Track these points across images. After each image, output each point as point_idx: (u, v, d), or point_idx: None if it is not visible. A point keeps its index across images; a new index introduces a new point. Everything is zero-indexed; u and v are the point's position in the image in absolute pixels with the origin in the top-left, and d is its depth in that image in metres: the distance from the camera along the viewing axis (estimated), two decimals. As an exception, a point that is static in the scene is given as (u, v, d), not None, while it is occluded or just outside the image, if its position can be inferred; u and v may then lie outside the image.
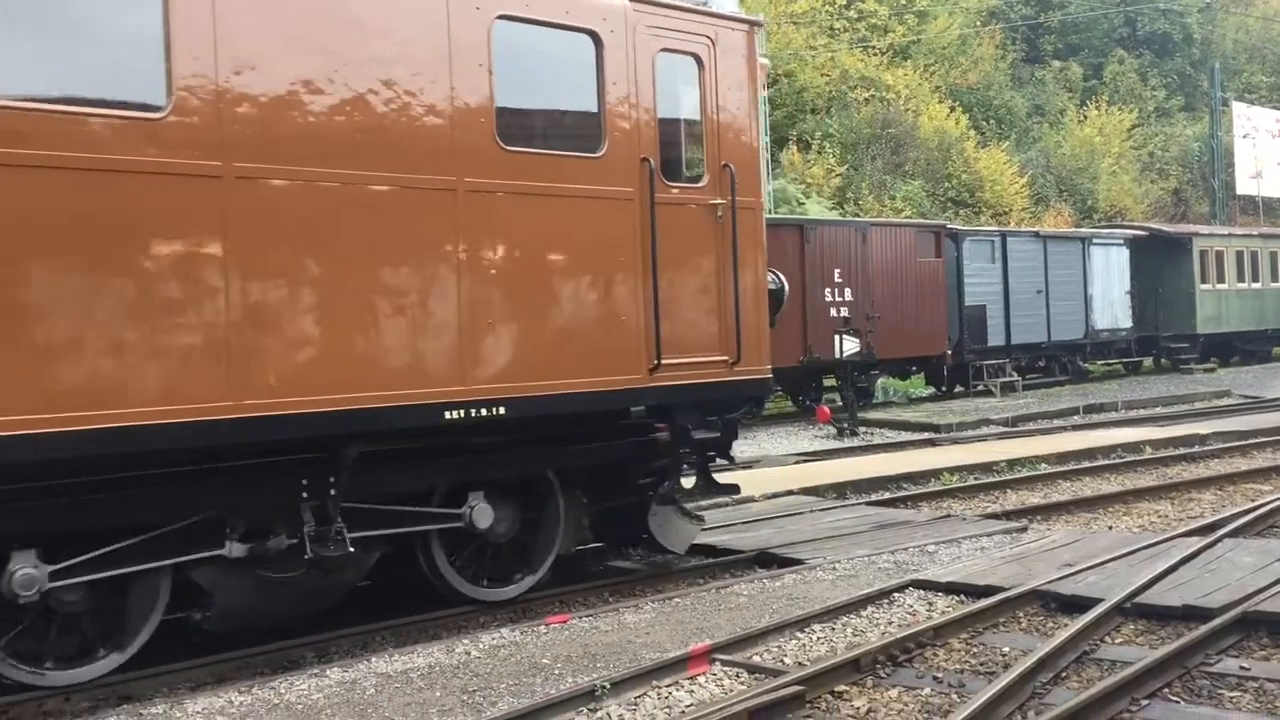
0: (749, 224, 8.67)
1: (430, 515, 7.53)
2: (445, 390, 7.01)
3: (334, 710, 5.82)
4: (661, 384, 8.06)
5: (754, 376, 8.70)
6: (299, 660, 7.20)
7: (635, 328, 7.92)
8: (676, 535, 8.88)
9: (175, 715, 5.83)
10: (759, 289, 8.76)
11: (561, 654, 6.70)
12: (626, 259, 7.90)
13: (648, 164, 8.02)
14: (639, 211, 7.97)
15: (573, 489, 8.33)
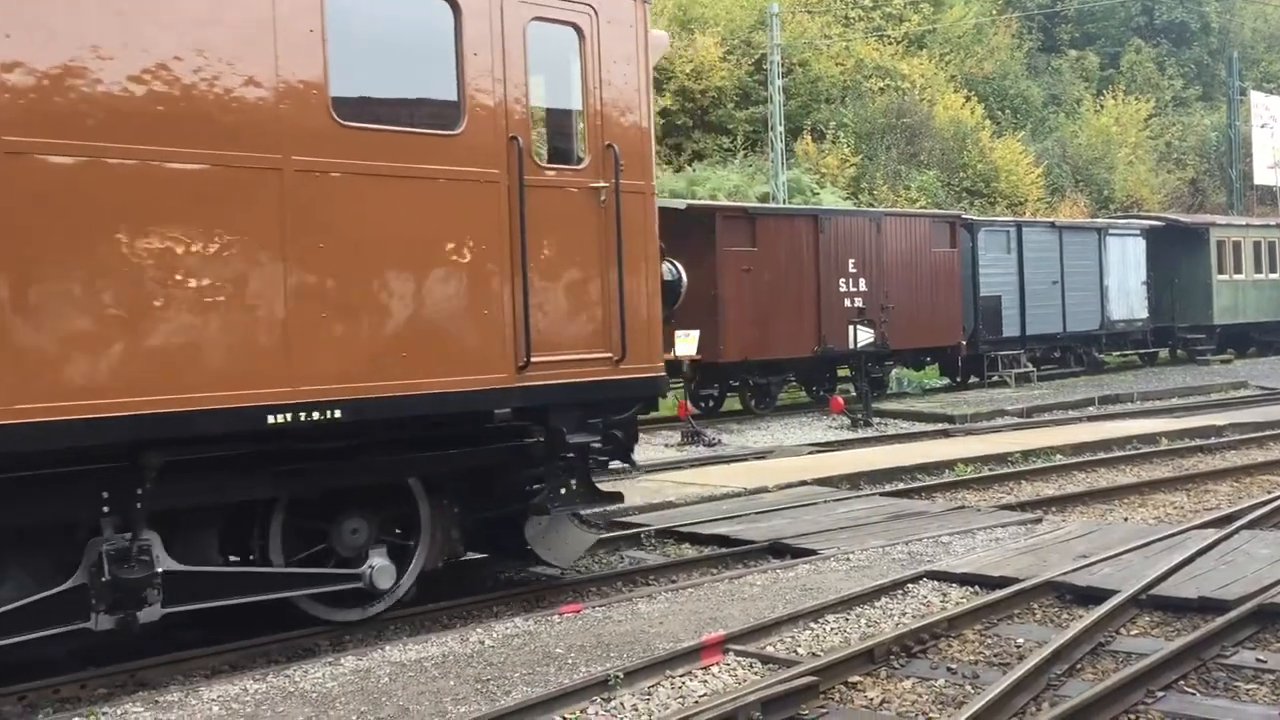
0: (637, 210, 7.95)
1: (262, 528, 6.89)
2: (268, 392, 6.28)
3: (348, 698, 5.84)
4: (532, 383, 7.36)
5: (642, 375, 7.97)
6: (313, 649, 7.22)
7: (500, 322, 7.21)
8: (562, 547, 8.10)
9: (190, 702, 5.86)
10: (650, 280, 8.05)
11: (575, 643, 6.70)
12: (490, 247, 7.18)
13: (516, 143, 7.29)
14: (506, 195, 7.26)
15: (440, 498, 7.63)
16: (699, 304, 19.35)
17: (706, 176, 31.68)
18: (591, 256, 7.74)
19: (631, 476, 11.88)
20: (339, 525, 7.16)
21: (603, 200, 7.76)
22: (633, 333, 7.86)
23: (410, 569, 7.50)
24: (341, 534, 7.17)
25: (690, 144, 34.72)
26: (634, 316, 7.89)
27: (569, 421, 7.72)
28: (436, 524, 7.59)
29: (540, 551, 7.98)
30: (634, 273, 7.92)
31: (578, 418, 7.77)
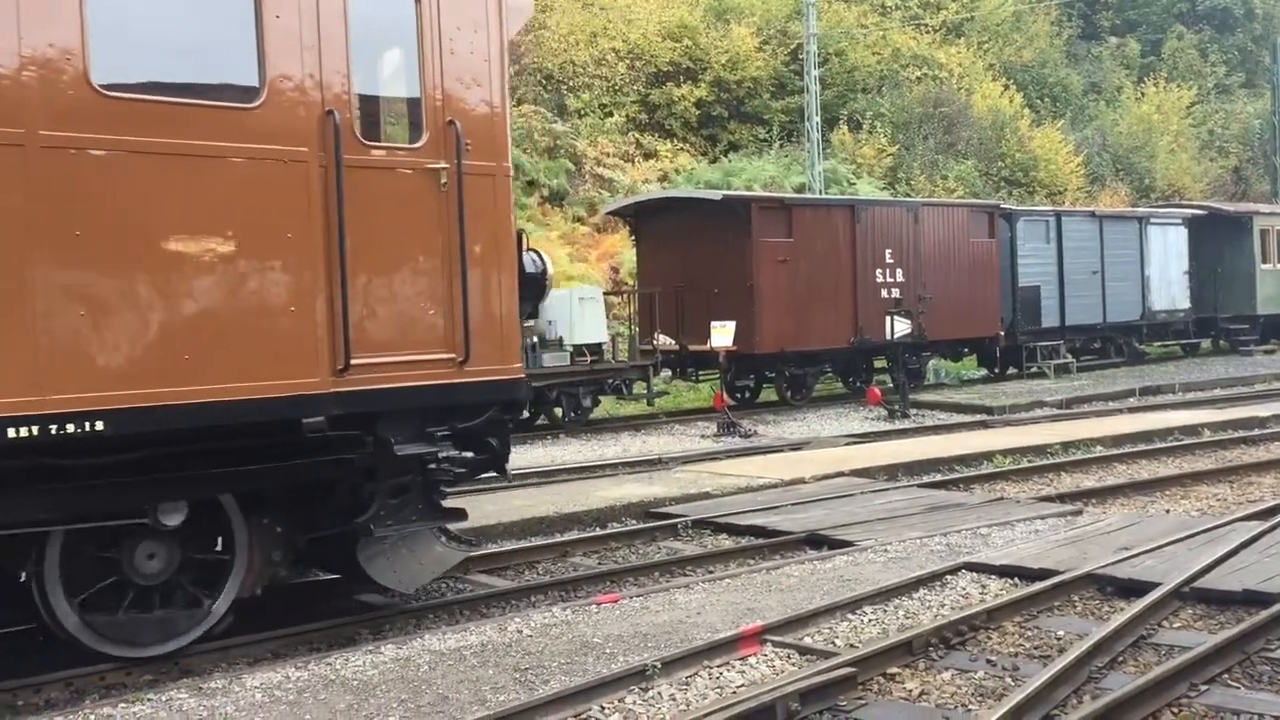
0: (485, 194, 7.10)
1: None
2: (8, 403, 5.50)
3: (389, 686, 5.89)
4: (352, 389, 6.54)
5: (493, 378, 7.10)
6: (354, 637, 7.29)
7: (310, 321, 6.38)
8: (411, 568, 7.25)
9: (234, 689, 5.93)
10: (503, 273, 7.21)
11: (613, 633, 6.72)
12: (298, 236, 6.35)
13: (333, 119, 6.46)
14: (318, 177, 6.44)
15: (259, 517, 6.84)
16: (735, 295, 19.35)
17: (742, 167, 31.58)
18: (429, 247, 6.88)
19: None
20: (133, 551, 6.38)
21: (444, 184, 6.92)
22: (479, 332, 7.00)
23: (223, 595, 6.71)
24: (136, 561, 6.41)
25: (726, 134, 34.62)
26: (481, 314, 7.04)
27: (401, 431, 6.86)
28: (255, 545, 6.79)
29: (375, 574, 7.11)
30: (482, 265, 7.07)
31: (417, 427, 6.94)
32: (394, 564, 7.16)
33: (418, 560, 7.28)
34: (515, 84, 31.57)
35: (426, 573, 7.41)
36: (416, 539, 7.29)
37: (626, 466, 13.96)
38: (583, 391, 17.95)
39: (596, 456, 15.07)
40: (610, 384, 18.28)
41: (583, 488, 12.10)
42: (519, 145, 29.33)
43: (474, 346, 6.99)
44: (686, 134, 33.90)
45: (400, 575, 7.23)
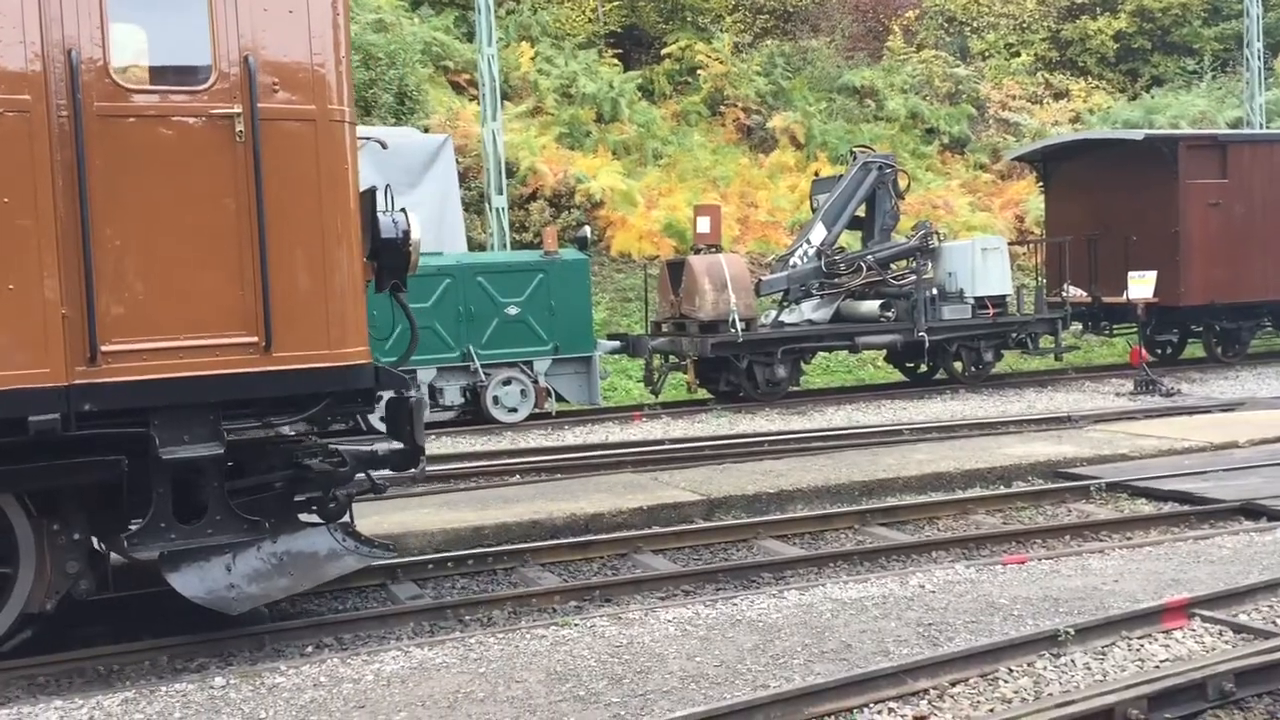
0: (302, 145, 5.90)
1: None
2: None
3: (792, 630, 6.05)
4: (104, 380, 5.54)
5: (314, 365, 5.96)
6: (756, 580, 7.54)
7: (35, 301, 5.40)
8: (234, 591, 6.04)
9: (650, 621, 6.32)
10: (328, 239, 5.98)
11: (1020, 595, 6.50)
12: (16, 201, 5.38)
13: (71, 58, 5.46)
14: (48, 131, 5.42)
15: (49, 521, 5.91)
16: (1156, 243, 17.86)
17: (1166, 103, 28.96)
18: (217, 210, 5.76)
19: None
20: None
21: (240, 134, 5.79)
22: (290, 312, 5.87)
23: (7, 608, 5.84)
24: None
25: (1148, 69, 31.85)
26: (294, 290, 5.89)
27: (185, 428, 5.78)
28: (44, 554, 5.88)
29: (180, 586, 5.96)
30: (295, 231, 5.89)
31: (208, 424, 5.82)
32: (205, 576, 6.01)
33: (275, 573, 6.16)
34: (915, 28, 30.73)
35: (275, 589, 6.17)
36: (296, 548, 6.31)
37: (1032, 424, 13.37)
38: (984, 345, 17.34)
39: (999, 412, 14.55)
40: (1014, 337, 17.54)
41: (985, 444, 11.73)
42: (917, 93, 28.56)
43: (280, 329, 5.83)
44: (1102, 70, 31.55)
45: (215, 590, 6.00)
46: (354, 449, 6.40)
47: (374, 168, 16.93)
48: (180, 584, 5.93)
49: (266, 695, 5.34)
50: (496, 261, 16.15)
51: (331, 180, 6.00)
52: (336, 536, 6.49)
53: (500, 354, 15.14)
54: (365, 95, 21.49)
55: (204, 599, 5.96)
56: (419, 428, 6.58)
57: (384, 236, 6.51)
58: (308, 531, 6.41)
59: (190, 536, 5.91)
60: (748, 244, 22.71)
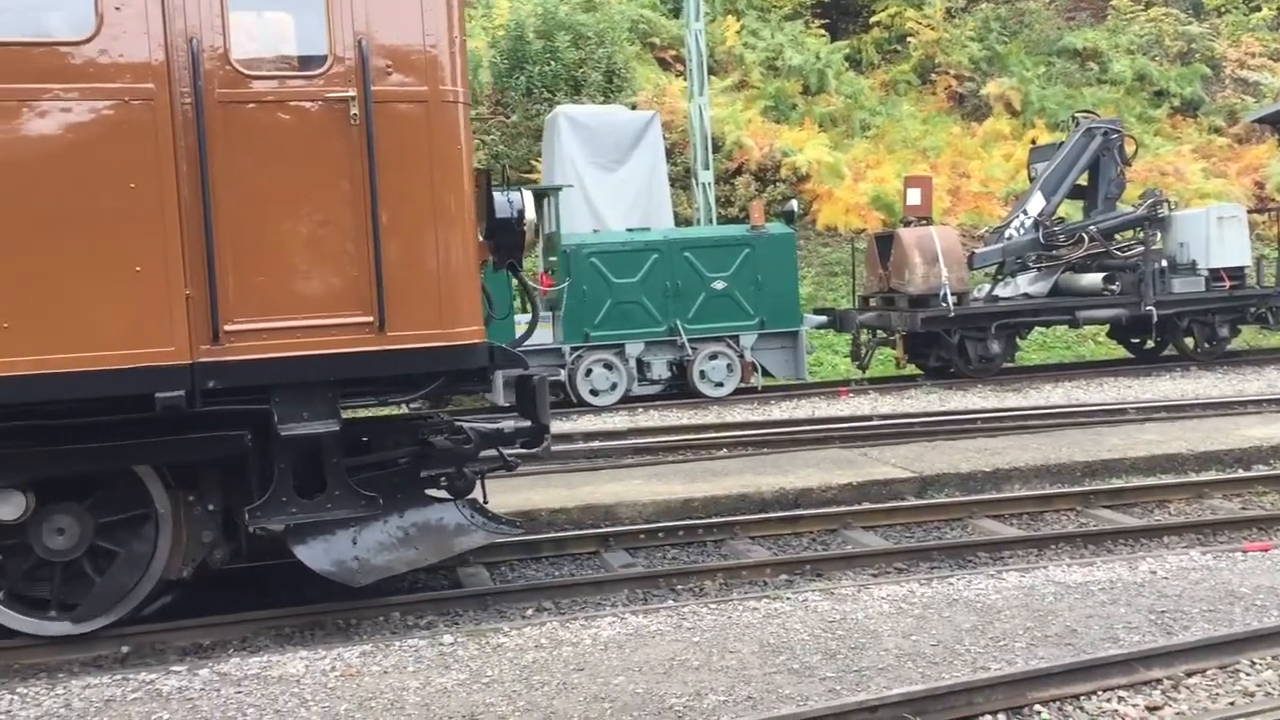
0: (417, 126, 5.92)
1: None
2: None
3: (1013, 612, 5.87)
4: (222, 359, 5.67)
5: (427, 345, 5.96)
6: (972, 560, 7.36)
7: (163, 282, 5.55)
8: (358, 563, 6.20)
9: (862, 597, 6.26)
10: (441, 220, 5.98)
11: (1263, 584, 6.11)
12: (143, 186, 5.50)
13: (193, 47, 5.57)
14: (171, 119, 5.55)
15: (185, 493, 6.13)
16: None
17: None
18: (334, 193, 5.83)
19: None
20: (38, 524, 5.90)
21: (354, 116, 5.84)
22: (404, 292, 5.90)
23: (147, 574, 6.09)
24: (41, 534, 5.91)
25: None
26: (407, 271, 5.92)
27: (303, 406, 5.87)
28: (181, 523, 6.12)
29: (308, 560, 6.13)
30: (409, 212, 5.92)
31: (326, 401, 5.91)
32: (330, 548, 6.20)
33: (354, 555, 6.23)
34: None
35: (376, 568, 6.27)
36: (423, 522, 6.45)
37: (1273, 404, 12.50)
38: (1219, 320, 16.32)
39: (1235, 392, 13.67)
40: (1253, 312, 16.45)
41: (1220, 425, 11.05)
42: (1145, 53, 26.98)
43: (394, 309, 5.88)
44: (1355, 22, 29.03)
45: (342, 569, 6.18)
46: (479, 426, 6.50)
47: (582, 145, 17.31)
48: (306, 556, 6.11)
49: (491, 654, 5.57)
50: (703, 236, 16.21)
51: (444, 161, 6.01)
52: (464, 512, 6.57)
53: (707, 328, 15.22)
54: (575, 74, 21.89)
55: (329, 571, 6.13)
56: (543, 406, 6.63)
57: (498, 216, 6.51)
58: (435, 506, 6.53)
59: (310, 511, 6.03)
60: (959, 216, 22.04)
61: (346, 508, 6.07)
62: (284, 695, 5.10)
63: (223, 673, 5.44)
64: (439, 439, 6.35)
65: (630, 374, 15.03)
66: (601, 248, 15.18)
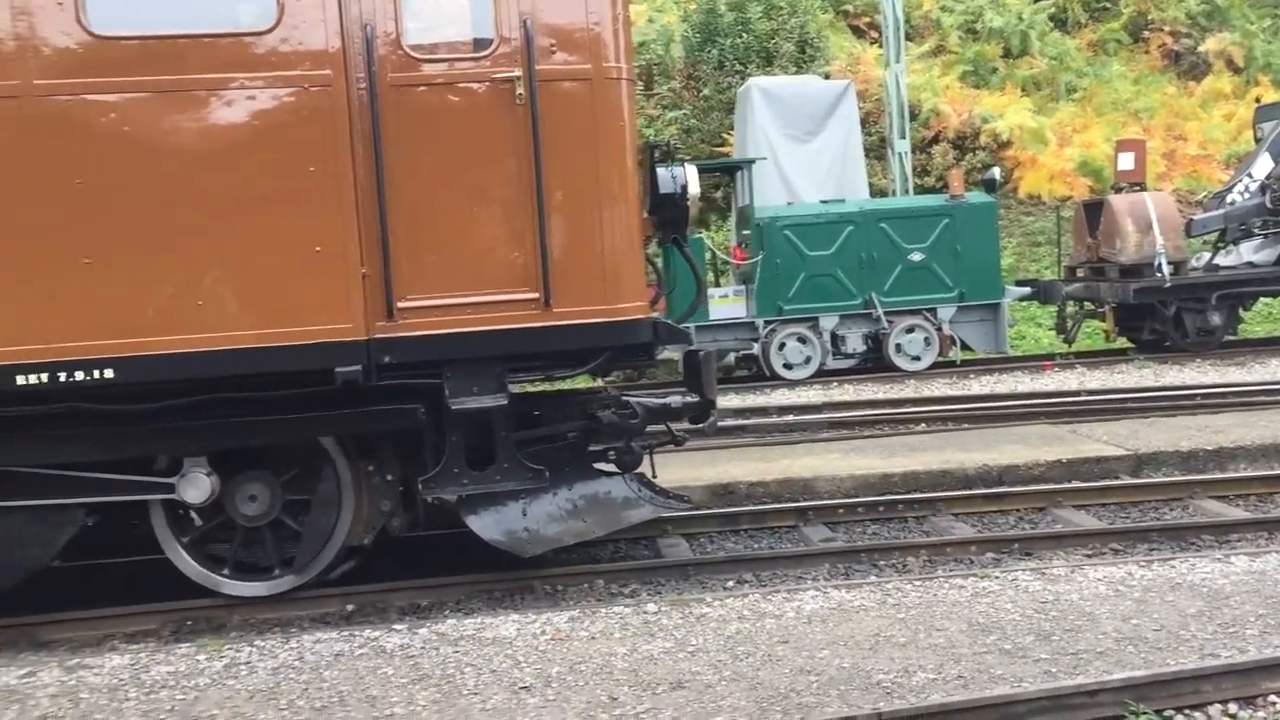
0: (581, 103, 5.96)
1: (123, 485, 6.09)
2: (14, 350, 5.50)
3: (1243, 598, 5.56)
4: (400, 335, 5.83)
5: (593, 320, 6.00)
6: (1195, 543, 7.02)
7: (341, 261, 5.74)
8: (528, 534, 6.33)
9: (1076, 579, 6.03)
10: (605, 197, 6.01)
11: None
12: (322, 169, 5.71)
13: (367, 33, 5.73)
14: (347, 104, 5.73)
15: (365, 463, 6.34)
16: None
17: None
18: (501, 172, 5.93)
19: None
20: (232, 491, 6.20)
21: (520, 96, 5.90)
22: (569, 268, 5.98)
23: (327, 547, 6.31)
24: (236, 501, 6.23)
25: None
26: (573, 247, 6.00)
27: (473, 381, 6.00)
28: (361, 492, 6.34)
29: (480, 530, 6.28)
30: (574, 190, 5.98)
31: (495, 376, 6.03)
32: (501, 519, 6.34)
33: (526, 525, 6.37)
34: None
35: (570, 533, 6.44)
36: (592, 495, 6.54)
37: None
38: None
39: None
40: None
41: None
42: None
43: (559, 286, 5.96)
44: None
45: (512, 538, 6.33)
46: (646, 401, 6.59)
47: (775, 117, 17.17)
48: (477, 525, 6.27)
49: (695, 624, 5.63)
50: (899, 207, 15.87)
51: (608, 137, 6.06)
52: (632, 486, 6.65)
53: (903, 301, 14.92)
54: (767, 46, 21.70)
55: (499, 541, 6.29)
56: (710, 381, 6.66)
57: (662, 191, 6.52)
58: (604, 480, 6.63)
59: (480, 482, 6.19)
60: (1175, 181, 20.87)
61: (515, 480, 6.23)
62: (498, 656, 5.29)
63: (440, 632, 5.69)
64: (607, 414, 6.48)
65: (824, 347, 14.88)
66: (795, 220, 15.05)
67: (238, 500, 6.21)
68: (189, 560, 6.24)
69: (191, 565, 6.23)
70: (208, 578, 6.24)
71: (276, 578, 6.31)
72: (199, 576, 6.24)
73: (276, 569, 6.32)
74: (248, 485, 6.23)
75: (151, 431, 5.94)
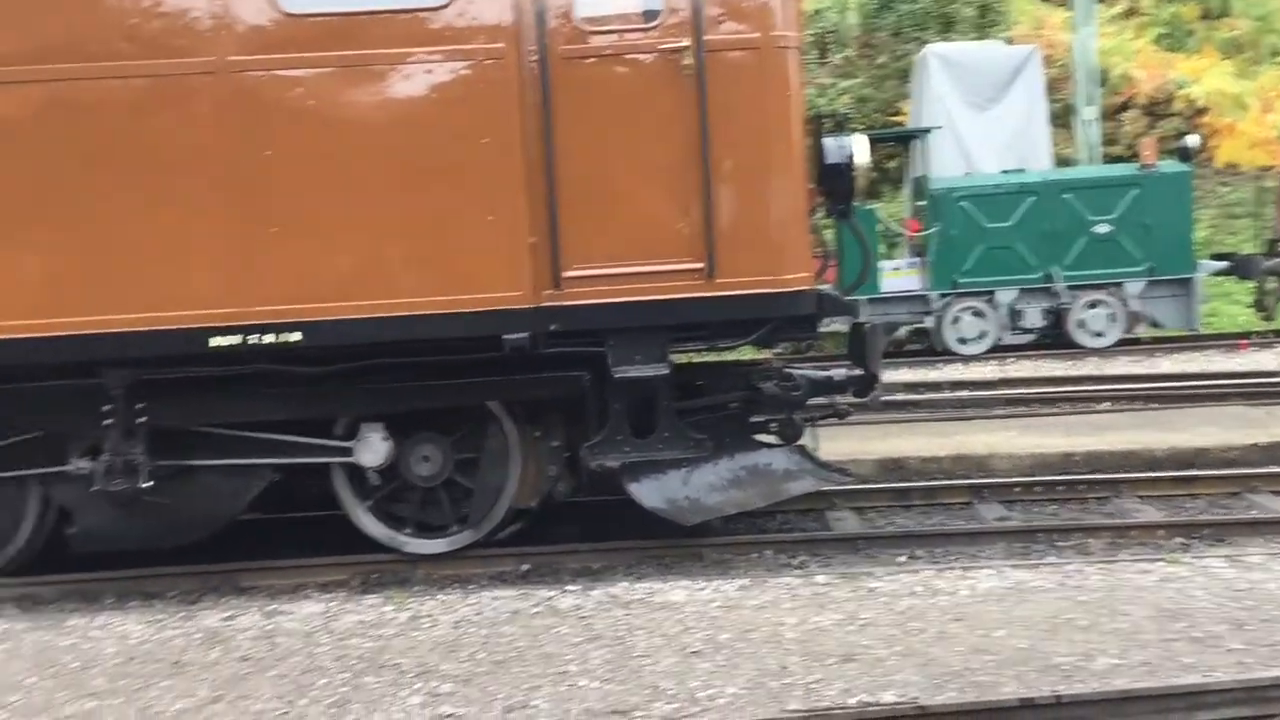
0: (748, 73, 5.93)
1: (307, 447, 6.37)
2: (212, 314, 5.82)
3: None
4: (566, 304, 5.91)
5: (756, 291, 5.97)
6: None
7: (511, 230, 5.86)
8: (688, 502, 6.34)
9: (1275, 567, 5.75)
10: (772, 166, 6.00)
11: None
12: (494, 140, 5.83)
13: (539, 5, 5.78)
14: (519, 75, 5.83)
15: (531, 428, 6.45)
16: None
17: None
18: (666, 141, 5.94)
19: None
20: (406, 452, 6.42)
21: (686, 66, 5.87)
22: (735, 238, 5.96)
23: (496, 508, 6.47)
24: (410, 462, 6.44)
25: None
26: (739, 217, 5.98)
27: (635, 349, 6.05)
28: (528, 457, 6.46)
29: (639, 497, 6.31)
30: (740, 159, 5.96)
31: (658, 345, 6.07)
32: (662, 487, 6.38)
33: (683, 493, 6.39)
34: None
35: (730, 502, 6.46)
36: (752, 465, 6.53)
37: None
38: None
39: None
40: None
41: None
42: None
43: (723, 256, 5.95)
44: None
45: (674, 507, 6.37)
46: (809, 373, 6.58)
47: (954, 85, 16.68)
48: (638, 493, 6.34)
49: (865, 597, 5.58)
50: (1085, 177, 15.25)
51: (776, 107, 6.06)
52: (794, 458, 6.64)
53: (1087, 275, 14.37)
54: (945, 11, 21.09)
55: (660, 508, 6.34)
56: (874, 355, 6.61)
57: (828, 161, 6.46)
58: (765, 451, 6.64)
59: (643, 450, 6.28)
60: (1393, 149, 19.41)
61: (677, 448, 6.30)
62: (668, 621, 5.36)
63: (613, 595, 5.80)
64: (769, 385, 6.50)
65: (1001, 322, 14.45)
66: (973, 190, 14.64)
67: (411, 462, 6.47)
68: (372, 521, 6.52)
69: (375, 526, 6.52)
70: (391, 537, 6.52)
71: (455, 534, 6.54)
72: (383, 537, 6.52)
73: (453, 526, 6.56)
74: (420, 447, 6.48)
75: (334, 394, 6.26)
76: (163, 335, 5.80)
